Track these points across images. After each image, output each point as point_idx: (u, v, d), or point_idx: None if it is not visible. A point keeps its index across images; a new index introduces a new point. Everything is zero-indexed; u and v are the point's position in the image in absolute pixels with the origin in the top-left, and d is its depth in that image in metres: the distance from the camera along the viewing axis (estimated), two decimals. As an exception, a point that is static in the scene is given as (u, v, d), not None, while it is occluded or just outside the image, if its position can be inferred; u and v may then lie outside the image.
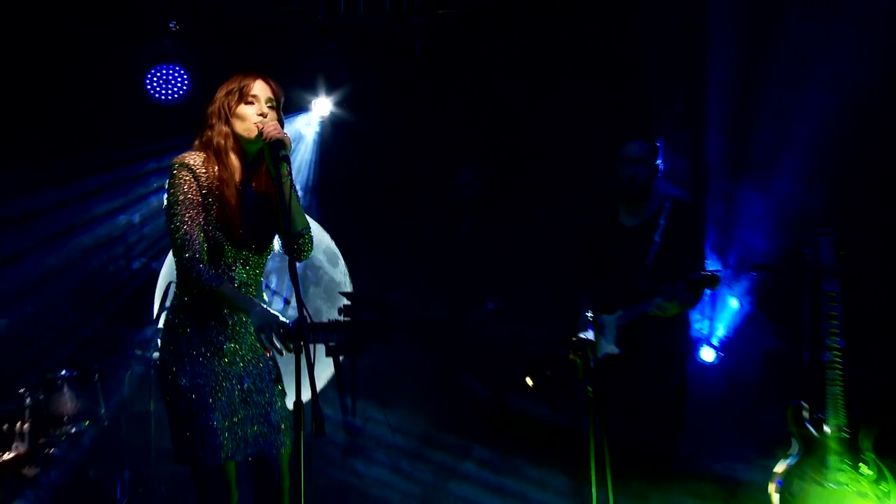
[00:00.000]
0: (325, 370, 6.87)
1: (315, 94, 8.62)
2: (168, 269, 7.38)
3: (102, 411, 6.16)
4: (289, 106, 7.52)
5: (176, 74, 7.54)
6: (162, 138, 7.25)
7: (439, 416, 7.13)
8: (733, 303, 7.13)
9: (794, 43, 6.63)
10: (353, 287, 8.35)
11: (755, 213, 7.06)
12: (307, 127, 8.84)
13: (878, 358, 5.77)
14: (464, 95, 8.58)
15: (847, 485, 5.44)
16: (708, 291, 5.79)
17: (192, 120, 5.69)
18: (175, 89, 7.44)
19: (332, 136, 8.97)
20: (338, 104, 8.70)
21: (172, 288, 5.53)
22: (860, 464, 5.46)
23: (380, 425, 6.97)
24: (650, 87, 7.52)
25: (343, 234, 8.92)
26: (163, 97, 7.50)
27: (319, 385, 6.90)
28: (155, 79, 7.49)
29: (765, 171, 7.03)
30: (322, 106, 8.69)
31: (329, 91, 8.65)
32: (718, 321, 7.10)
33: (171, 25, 7.48)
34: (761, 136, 7.06)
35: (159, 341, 4.32)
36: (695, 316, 6.91)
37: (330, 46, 8.41)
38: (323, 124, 8.89)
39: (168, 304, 5.11)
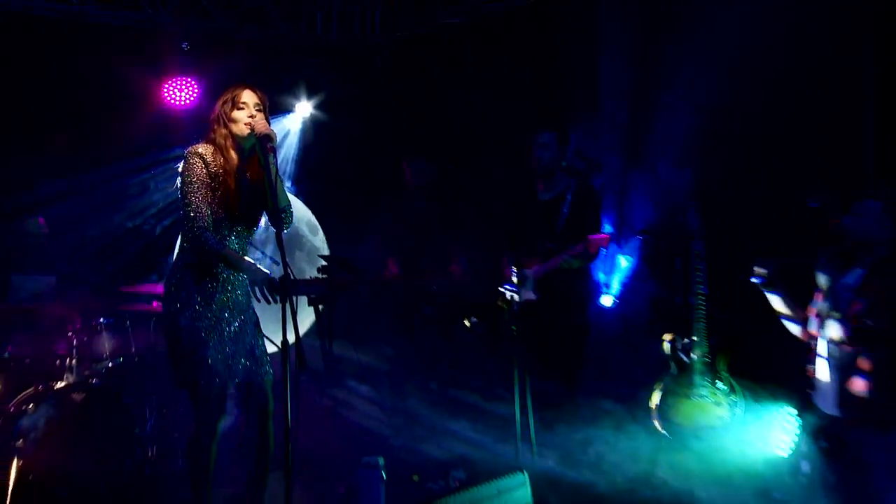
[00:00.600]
0: (307, 317, 6.90)
1: (297, 98, 8.72)
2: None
3: (133, 349, 6.29)
4: (276, 108, 7.72)
5: (187, 85, 7.67)
6: (178, 135, 7.42)
7: (398, 351, 7.18)
8: (623, 261, 7.22)
9: (671, 61, 6.77)
10: (330, 251, 8.49)
11: (643, 191, 7.18)
12: (292, 125, 8.90)
13: (730, 301, 5.94)
14: (417, 100, 8.68)
15: (707, 397, 5.77)
16: (603, 251, 6.03)
17: (201, 120, 5.98)
18: (187, 96, 7.55)
19: (312, 133, 9.05)
20: (316, 107, 8.81)
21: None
22: (717, 381, 5.79)
23: (351, 359, 7.06)
24: (566, 94, 7.58)
25: (322, 210, 9.06)
26: (177, 102, 7.63)
27: (303, 329, 7.06)
28: (171, 88, 7.62)
29: (650, 159, 7.13)
30: (303, 108, 8.79)
31: (309, 96, 8.75)
32: (613, 274, 7.20)
33: (184, 46, 7.62)
34: (650, 132, 7.13)
35: (164, 294, 4.46)
36: (596, 271, 7.01)
37: (309, 61, 8.56)
38: (305, 123, 8.96)
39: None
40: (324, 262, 6.81)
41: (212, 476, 4.46)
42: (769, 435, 5.65)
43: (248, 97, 4.38)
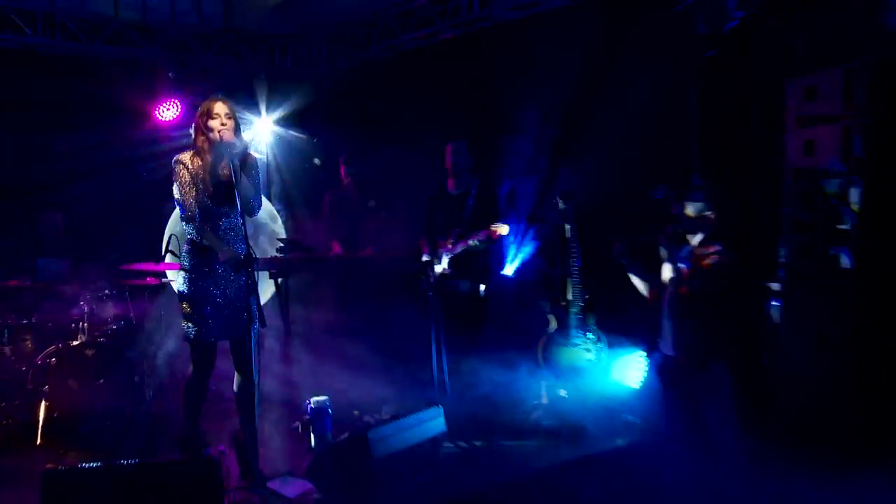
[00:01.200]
0: (269, 288, 6.90)
1: (259, 114, 8.84)
2: (173, 222, 7.42)
3: (132, 315, 6.38)
4: (244, 123, 7.85)
5: (174, 104, 7.73)
6: (169, 144, 7.38)
7: (340, 318, 7.25)
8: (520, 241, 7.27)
9: (588, 87, 6.79)
10: (286, 235, 8.41)
11: (528, 191, 7.27)
12: (259, 136, 9.00)
13: (597, 270, 6.07)
14: (354, 115, 8.70)
15: (580, 344, 5.99)
16: (503, 235, 6.16)
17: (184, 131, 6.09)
18: (173, 113, 7.60)
19: (274, 142, 9.19)
20: (276, 122, 8.93)
21: (173, 239, 5.89)
22: (588, 332, 6.04)
23: (303, 320, 7.02)
24: (474, 112, 7.66)
25: (281, 203, 9.19)
26: (165, 119, 7.70)
27: (265, 297, 7.08)
28: (161, 107, 7.68)
29: (543, 164, 7.24)
30: (266, 123, 8.93)
31: (269, 112, 8.88)
32: (513, 251, 7.16)
33: (170, 75, 7.73)
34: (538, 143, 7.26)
35: (180, 267, 4.64)
36: (500, 248, 7.02)
37: (270, 84, 8.69)
38: (266, 135, 9.08)
39: (173, 248, 5.50)
40: (281, 244, 6.82)
41: (199, 410, 4.65)
42: (626, 372, 5.95)
43: (220, 108, 4.49)
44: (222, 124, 4.45)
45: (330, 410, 5.14)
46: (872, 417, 4.59)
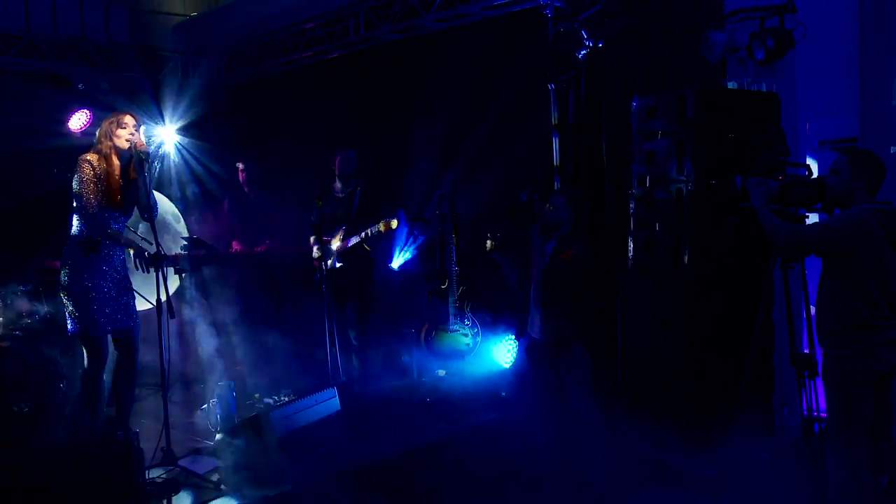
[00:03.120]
0: (173, 282, 6.56)
1: (163, 123, 8.50)
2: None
3: (45, 309, 5.99)
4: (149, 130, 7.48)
5: (83, 114, 7.17)
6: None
7: (240, 309, 6.79)
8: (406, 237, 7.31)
9: (466, 101, 6.87)
10: (189, 234, 8.23)
11: (413, 193, 7.35)
12: (164, 144, 8.49)
13: (473, 263, 6.23)
14: (251, 123, 8.56)
15: (458, 330, 6.08)
16: (390, 231, 6.15)
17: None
18: (83, 123, 7.09)
19: (175, 149, 8.75)
20: (178, 130, 8.57)
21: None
22: (464, 318, 6.13)
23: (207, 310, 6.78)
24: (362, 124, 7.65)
25: (183, 204, 8.80)
26: (75, 129, 7.06)
27: (171, 290, 6.79)
28: (71, 116, 7.03)
29: (425, 170, 7.30)
30: (169, 131, 8.56)
31: (172, 121, 8.53)
32: (399, 248, 7.29)
33: (79, 86, 7.31)
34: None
35: (60, 265, 4.38)
36: (388, 244, 7.14)
37: (172, 96, 8.28)
38: (168, 142, 8.63)
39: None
40: (184, 242, 6.62)
41: (103, 399, 4.43)
42: (498, 353, 6.06)
43: (129, 120, 4.36)
44: (131, 133, 4.33)
45: (234, 393, 5.02)
46: (705, 387, 4.76)
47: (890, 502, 3.63)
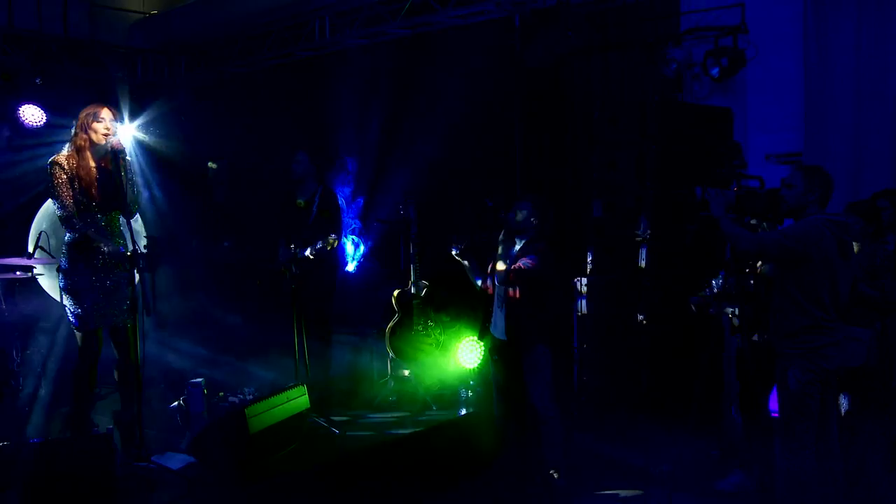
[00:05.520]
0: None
1: (122, 121, 8.33)
2: (40, 218, 6.92)
3: (3, 307, 5.87)
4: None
5: (37, 111, 7.00)
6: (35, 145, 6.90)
7: (204, 301, 7.08)
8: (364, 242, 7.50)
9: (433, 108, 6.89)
10: (147, 233, 8.10)
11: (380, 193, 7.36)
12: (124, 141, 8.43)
13: (436, 266, 6.09)
14: (213, 124, 8.46)
15: (423, 330, 6.09)
16: (350, 234, 6.22)
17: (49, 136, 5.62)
18: (38, 118, 6.94)
19: (135, 147, 8.68)
20: (138, 127, 8.46)
21: (43, 236, 5.46)
22: (429, 320, 6.14)
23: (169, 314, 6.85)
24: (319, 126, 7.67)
25: (146, 202, 8.70)
26: (29, 124, 6.98)
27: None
28: (26, 111, 6.94)
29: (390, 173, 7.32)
30: (129, 129, 8.41)
31: (133, 118, 8.42)
32: (358, 250, 7.39)
33: (36, 81, 7.10)
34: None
35: (61, 264, 4.35)
36: (345, 247, 7.26)
37: (132, 93, 8.19)
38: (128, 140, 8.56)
39: (42, 244, 5.11)
40: (144, 241, 6.60)
41: (89, 395, 4.39)
42: (462, 354, 6.11)
43: (106, 114, 4.30)
44: (107, 128, 4.28)
45: (205, 391, 5.01)
46: (660, 389, 4.93)
47: (831, 488, 3.86)
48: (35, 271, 5.92)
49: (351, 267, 7.33)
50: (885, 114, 5.17)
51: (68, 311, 4.32)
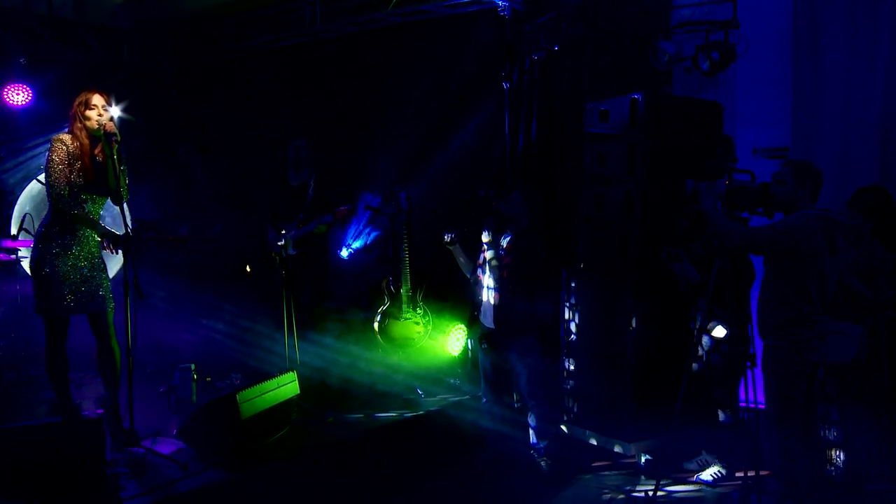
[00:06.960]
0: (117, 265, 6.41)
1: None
2: (24, 200, 6.76)
3: None
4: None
5: (24, 90, 6.89)
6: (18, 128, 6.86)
7: (190, 286, 6.98)
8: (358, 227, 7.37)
9: (425, 100, 6.95)
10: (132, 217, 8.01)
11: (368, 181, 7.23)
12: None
13: (427, 254, 6.16)
14: (200, 108, 8.46)
15: (410, 318, 6.10)
16: (343, 220, 6.19)
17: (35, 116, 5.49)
18: (23, 99, 6.86)
19: (120, 129, 8.56)
20: (123, 111, 8.38)
21: (27, 218, 5.39)
22: (417, 307, 6.16)
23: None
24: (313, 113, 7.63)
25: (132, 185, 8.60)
26: (15, 104, 6.86)
27: (116, 268, 6.61)
28: (10, 91, 6.83)
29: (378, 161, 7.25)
30: (115, 109, 8.29)
31: (117, 103, 8.31)
32: (350, 236, 7.28)
33: (21, 60, 6.96)
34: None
35: (34, 243, 4.28)
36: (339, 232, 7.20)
37: (117, 77, 8.05)
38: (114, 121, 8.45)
39: (27, 226, 5.03)
40: (134, 226, 6.43)
41: (64, 379, 4.34)
42: (449, 342, 6.15)
43: (98, 100, 4.28)
44: (99, 114, 4.26)
45: (195, 377, 4.97)
46: (646, 381, 4.93)
47: (817, 477, 3.92)
48: (20, 254, 5.84)
49: (344, 253, 7.30)
50: (872, 110, 5.22)
51: (38, 296, 4.23)
